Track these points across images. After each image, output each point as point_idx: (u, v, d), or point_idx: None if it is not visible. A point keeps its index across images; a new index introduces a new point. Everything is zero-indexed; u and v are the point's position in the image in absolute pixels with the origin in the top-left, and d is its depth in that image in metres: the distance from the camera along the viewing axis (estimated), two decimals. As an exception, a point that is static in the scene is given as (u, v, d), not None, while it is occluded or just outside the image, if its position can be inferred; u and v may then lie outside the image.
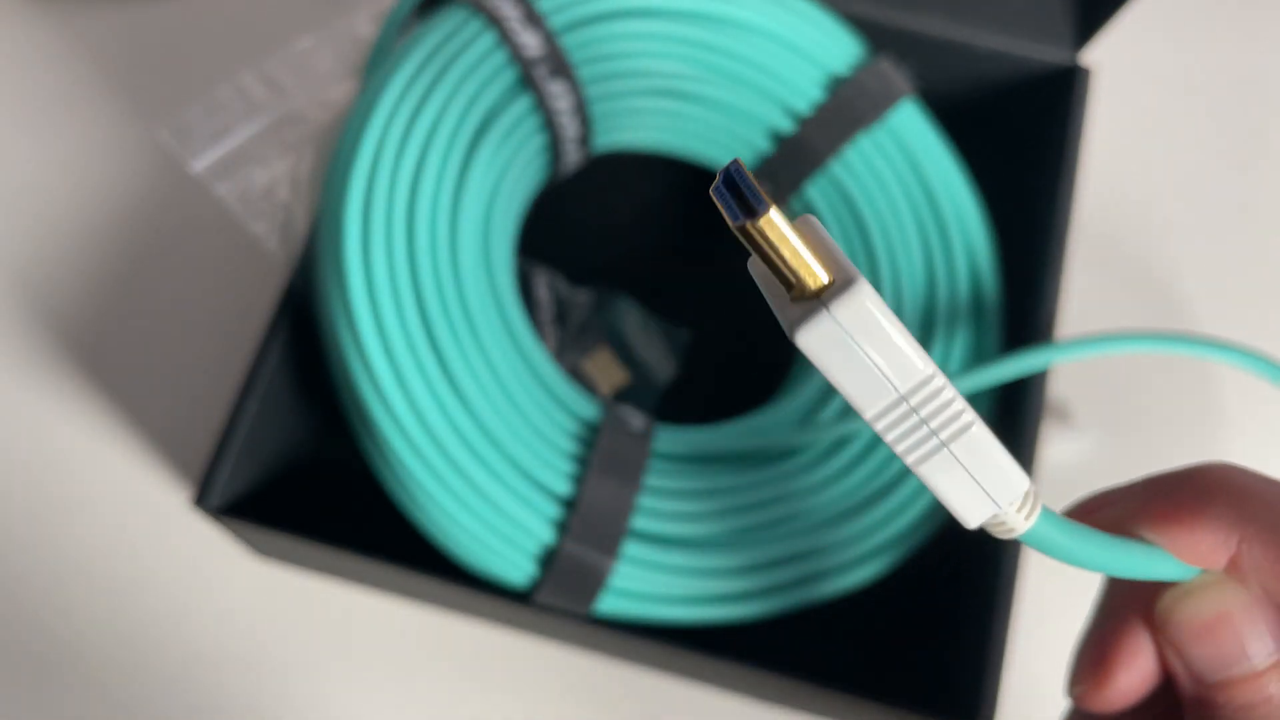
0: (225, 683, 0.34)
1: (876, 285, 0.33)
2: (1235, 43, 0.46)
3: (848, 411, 0.32)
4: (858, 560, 0.30)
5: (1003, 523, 0.17)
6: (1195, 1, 0.46)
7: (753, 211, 0.14)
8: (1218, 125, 0.44)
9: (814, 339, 0.15)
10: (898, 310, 0.33)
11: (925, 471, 0.17)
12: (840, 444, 0.31)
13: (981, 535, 0.31)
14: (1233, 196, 0.43)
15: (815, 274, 0.15)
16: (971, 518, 0.17)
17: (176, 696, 0.34)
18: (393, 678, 0.34)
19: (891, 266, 0.33)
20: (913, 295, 0.33)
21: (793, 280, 0.15)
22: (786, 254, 0.15)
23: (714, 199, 0.15)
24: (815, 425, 0.31)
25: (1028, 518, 0.17)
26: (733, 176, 0.14)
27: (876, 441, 0.31)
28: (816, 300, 0.15)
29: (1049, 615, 0.35)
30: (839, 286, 0.15)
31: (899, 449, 0.16)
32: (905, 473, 0.31)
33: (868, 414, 0.16)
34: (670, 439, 0.31)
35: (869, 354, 0.15)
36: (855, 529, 0.30)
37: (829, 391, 0.32)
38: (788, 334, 0.16)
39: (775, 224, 0.15)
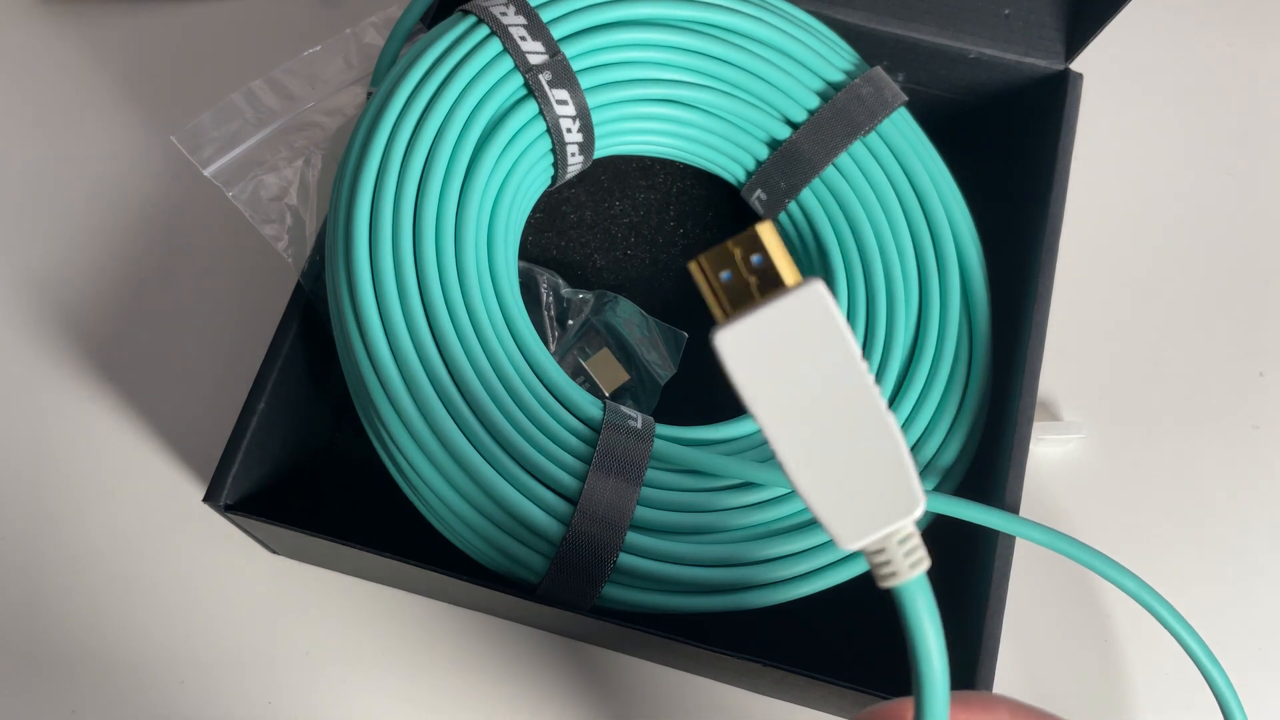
0: (237, 678, 0.34)
1: (870, 287, 0.34)
2: (1223, 48, 0.46)
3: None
4: (856, 553, 0.31)
5: (887, 560, 0.17)
6: (1182, 8, 0.47)
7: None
8: (1205, 130, 0.45)
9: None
10: (891, 309, 0.34)
11: (802, 461, 0.16)
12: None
13: (962, 531, 0.32)
14: (1221, 198, 0.43)
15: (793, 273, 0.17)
16: (848, 535, 0.17)
17: (189, 692, 0.34)
18: (402, 670, 0.35)
19: (885, 269, 0.34)
20: (906, 296, 0.34)
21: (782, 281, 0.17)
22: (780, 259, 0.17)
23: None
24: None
25: (914, 566, 0.17)
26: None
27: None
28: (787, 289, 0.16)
29: (1042, 609, 0.36)
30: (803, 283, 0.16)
31: (778, 437, 0.16)
32: (911, 452, 0.32)
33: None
34: (670, 437, 0.31)
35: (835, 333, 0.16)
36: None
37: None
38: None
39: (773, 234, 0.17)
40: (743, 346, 0.16)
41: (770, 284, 0.16)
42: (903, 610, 0.18)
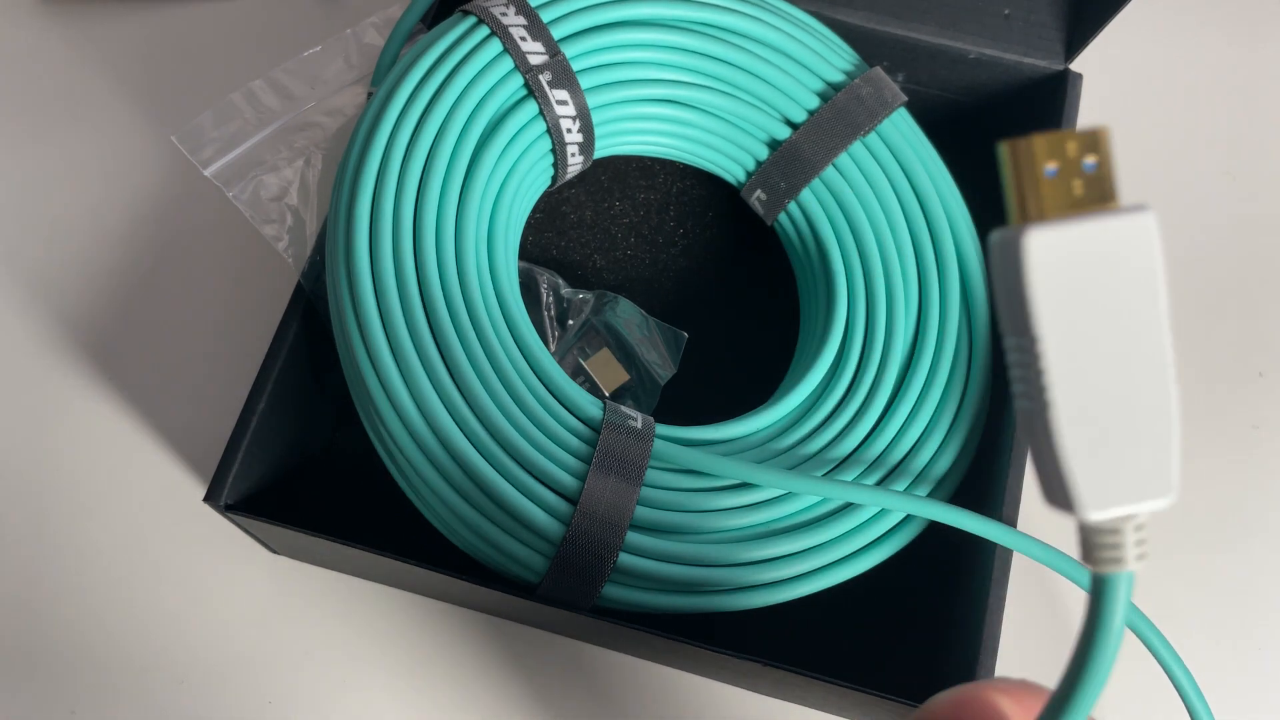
0: (237, 678, 0.34)
1: (870, 287, 0.34)
2: (1223, 48, 0.46)
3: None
4: (854, 554, 0.31)
5: (1116, 543, 0.15)
6: (1182, 8, 0.47)
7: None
8: (1205, 130, 0.45)
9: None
10: (891, 309, 0.34)
11: (1071, 415, 0.14)
12: (839, 437, 0.32)
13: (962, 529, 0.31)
14: (1220, 198, 0.43)
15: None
16: (1094, 502, 0.15)
17: (189, 691, 0.34)
18: (402, 670, 0.35)
19: (885, 269, 0.34)
20: (906, 296, 0.34)
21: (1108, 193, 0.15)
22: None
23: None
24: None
25: (1139, 558, 0.15)
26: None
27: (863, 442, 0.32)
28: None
29: (1043, 607, 0.36)
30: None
31: (1054, 374, 0.14)
32: (899, 464, 0.32)
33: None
34: (670, 437, 0.31)
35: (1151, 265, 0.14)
36: (852, 520, 0.31)
37: (822, 393, 0.33)
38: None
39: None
40: (1054, 255, 0.14)
41: (1098, 195, 0.15)
42: (1105, 599, 0.16)
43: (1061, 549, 0.31)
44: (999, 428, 0.33)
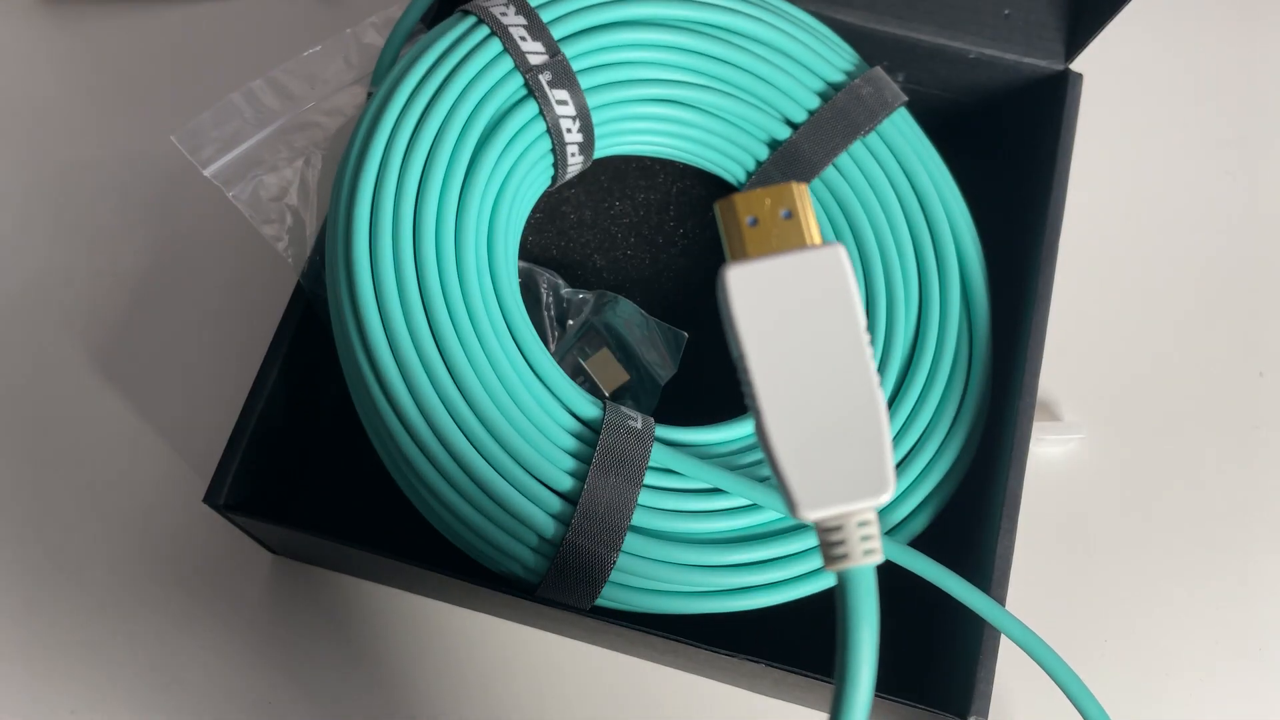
0: (237, 678, 0.34)
1: (870, 288, 0.34)
2: (1224, 47, 0.46)
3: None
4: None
5: (841, 540, 0.17)
6: (1182, 8, 0.47)
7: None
8: (1205, 130, 0.45)
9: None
10: (891, 309, 0.34)
11: (780, 422, 0.17)
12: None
13: (960, 517, 0.32)
14: (1220, 198, 0.43)
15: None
16: (809, 501, 0.17)
17: (189, 692, 0.34)
18: (403, 670, 0.35)
19: (885, 269, 0.34)
20: (906, 296, 0.34)
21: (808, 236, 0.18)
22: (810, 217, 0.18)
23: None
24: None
25: (868, 554, 0.17)
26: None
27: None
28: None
29: (1043, 606, 0.36)
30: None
31: (763, 385, 0.17)
32: (898, 466, 0.32)
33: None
34: (670, 438, 0.31)
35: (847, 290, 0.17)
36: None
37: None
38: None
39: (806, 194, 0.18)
40: (751, 286, 0.17)
41: (793, 238, 0.17)
42: (843, 599, 0.18)
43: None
44: (999, 424, 0.33)
